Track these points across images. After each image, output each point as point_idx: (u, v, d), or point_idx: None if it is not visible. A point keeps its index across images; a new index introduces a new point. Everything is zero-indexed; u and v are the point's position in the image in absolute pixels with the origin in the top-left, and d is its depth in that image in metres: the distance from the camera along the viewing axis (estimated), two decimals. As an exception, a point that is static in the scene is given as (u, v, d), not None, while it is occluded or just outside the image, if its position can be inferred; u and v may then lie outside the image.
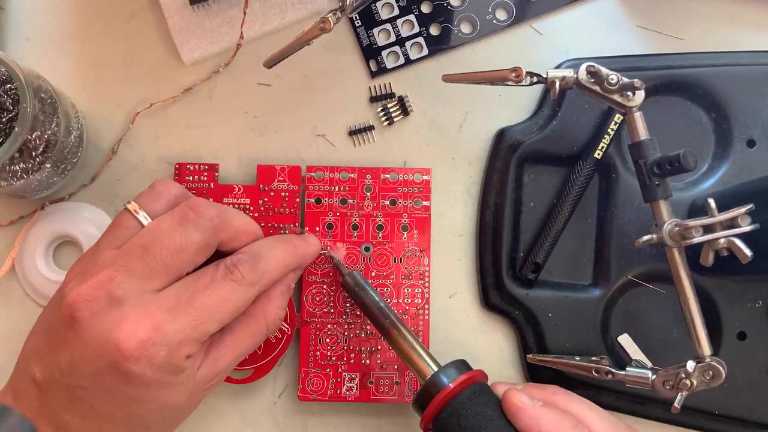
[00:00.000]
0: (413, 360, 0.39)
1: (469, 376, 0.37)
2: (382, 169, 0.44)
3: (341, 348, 0.43)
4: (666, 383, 0.38)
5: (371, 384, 0.43)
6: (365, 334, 0.43)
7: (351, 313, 0.43)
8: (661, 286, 0.43)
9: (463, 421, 0.36)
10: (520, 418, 0.36)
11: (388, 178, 0.44)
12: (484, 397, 0.37)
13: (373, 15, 0.46)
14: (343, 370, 0.43)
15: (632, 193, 0.43)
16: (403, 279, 0.43)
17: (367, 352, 0.43)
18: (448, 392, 0.36)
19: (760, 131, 0.44)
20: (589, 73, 0.39)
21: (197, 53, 0.45)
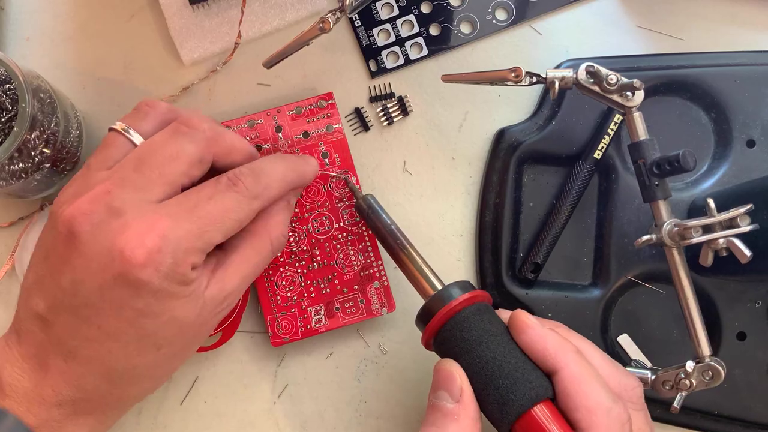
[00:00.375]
0: (419, 279, 0.39)
1: (473, 294, 0.36)
2: (286, 106, 0.44)
3: (298, 286, 0.43)
4: (665, 383, 0.38)
5: (337, 310, 0.43)
6: (317, 265, 0.43)
7: (298, 250, 0.43)
8: (660, 286, 0.43)
9: (466, 334, 0.35)
10: (527, 334, 0.35)
11: (293, 113, 0.44)
12: (488, 315, 0.36)
13: (372, 15, 0.46)
14: (306, 305, 0.43)
15: (632, 194, 0.43)
16: (337, 203, 0.43)
17: (325, 282, 0.43)
18: (452, 307, 0.36)
19: (760, 131, 0.44)
20: (588, 73, 0.39)
21: (197, 53, 0.45)
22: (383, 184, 0.45)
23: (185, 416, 0.44)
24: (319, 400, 0.44)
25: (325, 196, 0.43)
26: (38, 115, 0.37)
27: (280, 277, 0.43)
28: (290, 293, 0.43)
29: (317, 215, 0.43)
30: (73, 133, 0.41)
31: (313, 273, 0.43)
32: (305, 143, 0.43)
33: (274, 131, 0.43)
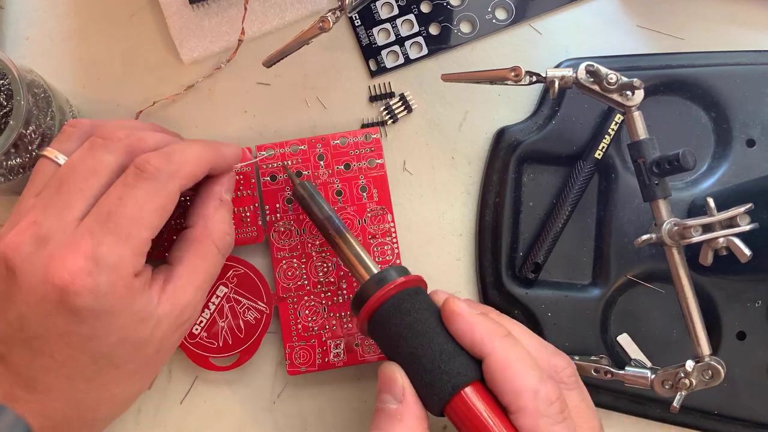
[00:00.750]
0: (355, 265, 0.39)
1: (407, 279, 0.36)
2: (331, 135, 0.44)
3: (321, 317, 0.43)
4: (665, 383, 0.38)
5: (357, 346, 0.43)
6: (342, 299, 0.43)
7: (325, 281, 0.43)
8: (660, 286, 0.43)
9: (398, 318, 0.35)
10: (455, 322, 0.35)
11: (338, 143, 0.43)
12: (422, 299, 0.36)
13: (372, 14, 0.46)
14: (327, 338, 0.43)
15: (632, 193, 0.43)
16: (371, 239, 0.43)
17: (348, 316, 0.43)
18: (385, 291, 0.36)
19: (760, 131, 0.44)
20: (588, 72, 0.39)
21: (197, 53, 0.45)
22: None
23: (185, 415, 0.44)
24: (318, 399, 0.44)
25: (359, 230, 0.43)
26: (33, 110, 0.37)
27: (304, 306, 0.43)
28: (312, 323, 0.43)
29: None
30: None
31: (337, 306, 0.43)
32: (345, 174, 0.43)
33: (316, 159, 0.43)
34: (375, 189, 0.44)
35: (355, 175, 0.44)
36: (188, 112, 0.45)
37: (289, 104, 0.46)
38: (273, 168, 0.43)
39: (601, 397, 0.43)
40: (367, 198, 0.43)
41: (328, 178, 0.43)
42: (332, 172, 0.43)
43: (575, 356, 0.42)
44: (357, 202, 0.43)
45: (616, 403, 0.43)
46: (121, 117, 0.45)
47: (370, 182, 0.44)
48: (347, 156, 0.43)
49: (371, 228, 0.43)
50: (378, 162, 0.43)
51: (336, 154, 0.43)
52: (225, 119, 0.46)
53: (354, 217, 0.43)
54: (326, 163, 0.43)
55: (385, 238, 0.43)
